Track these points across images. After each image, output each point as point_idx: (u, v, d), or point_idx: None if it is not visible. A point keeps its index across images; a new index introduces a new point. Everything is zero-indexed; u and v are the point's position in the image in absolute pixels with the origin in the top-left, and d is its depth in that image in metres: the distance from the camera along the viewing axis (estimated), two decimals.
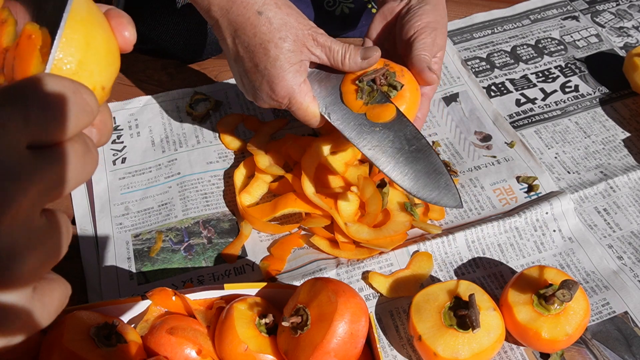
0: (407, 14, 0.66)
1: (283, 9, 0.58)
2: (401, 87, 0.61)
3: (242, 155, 0.76)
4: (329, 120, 0.61)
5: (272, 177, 0.71)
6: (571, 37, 0.91)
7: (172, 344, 0.50)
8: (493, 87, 0.85)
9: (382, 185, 0.67)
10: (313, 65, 0.62)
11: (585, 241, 0.67)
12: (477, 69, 0.87)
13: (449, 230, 0.67)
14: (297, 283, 0.58)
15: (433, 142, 0.77)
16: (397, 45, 0.68)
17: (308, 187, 0.66)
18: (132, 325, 0.52)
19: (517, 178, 0.73)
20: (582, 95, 0.83)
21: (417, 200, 0.69)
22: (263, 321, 0.51)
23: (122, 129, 0.79)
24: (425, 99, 0.66)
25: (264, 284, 0.54)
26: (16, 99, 0.25)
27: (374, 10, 0.96)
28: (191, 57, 0.88)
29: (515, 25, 0.94)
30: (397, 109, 0.59)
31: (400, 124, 0.59)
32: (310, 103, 0.61)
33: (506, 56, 0.89)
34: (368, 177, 0.68)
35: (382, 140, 0.58)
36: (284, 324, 0.49)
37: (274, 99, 0.60)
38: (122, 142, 0.78)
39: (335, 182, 0.69)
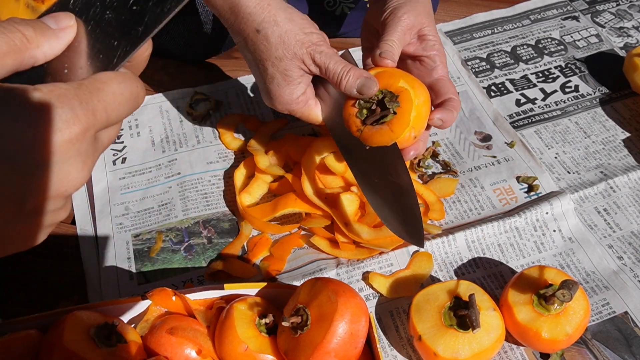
0: (387, 9, 0.63)
1: (282, 26, 0.58)
2: (394, 113, 0.56)
3: (242, 155, 0.76)
4: (328, 129, 0.62)
5: (272, 177, 0.71)
6: (571, 37, 0.91)
7: (172, 344, 0.50)
8: (493, 87, 0.85)
9: None
10: None
11: (585, 241, 0.67)
12: (477, 69, 0.87)
13: (449, 230, 0.67)
14: (297, 283, 0.57)
15: (433, 142, 0.77)
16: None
17: (308, 187, 0.66)
18: (132, 325, 0.52)
19: (517, 178, 0.73)
20: (582, 96, 0.83)
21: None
22: (263, 321, 0.51)
23: (122, 129, 0.79)
24: (445, 79, 0.63)
25: (264, 284, 0.54)
26: (86, 100, 0.30)
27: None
28: (191, 57, 0.88)
29: (515, 26, 0.94)
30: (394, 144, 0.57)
31: (392, 156, 0.57)
32: (312, 110, 0.62)
33: (506, 56, 0.89)
34: None
35: (369, 168, 0.59)
36: (284, 324, 0.48)
37: (277, 109, 0.63)
38: (122, 142, 0.78)
39: (335, 182, 0.69)
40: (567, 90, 0.84)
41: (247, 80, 0.86)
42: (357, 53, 0.69)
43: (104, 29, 0.33)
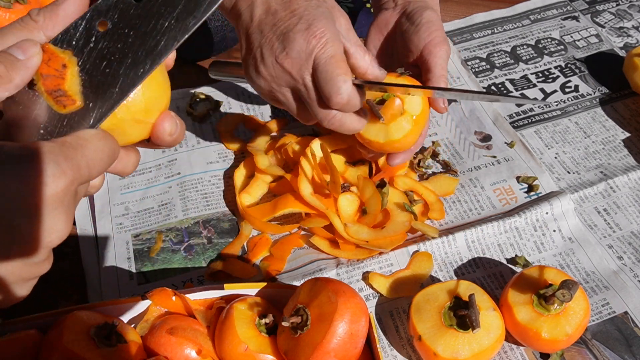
0: (410, 24, 0.63)
1: None
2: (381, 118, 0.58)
3: (242, 155, 0.76)
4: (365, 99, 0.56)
5: (272, 177, 0.71)
6: (571, 37, 0.91)
7: (172, 344, 0.50)
8: (493, 87, 0.85)
9: (381, 185, 0.67)
10: None
11: (585, 241, 0.67)
12: (477, 69, 0.87)
13: (449, 230, 0.67)
14: (297, 283, 0.57)
15: (433, 142, 0.77)
16: (402, 56, 0.65)
17: (305, 188, 0.66)
18: (132, 325, 0.52)
19: (517, 178, 0.73)
20: (582, 96, 0.83)
21: (415, 197, 0.69)
22: (263, 321, 0.51)
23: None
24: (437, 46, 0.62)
25: (264, 284, 0.54)
26: (71, 156, 0.32)
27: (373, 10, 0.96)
28: (191, 57, 0.88)
29: (515, 26, 0.94)
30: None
31: None
32: (344, 60, 0.54)
33: (506, 56, 0.89)
34: (368, 178, 0.68)
35: None
36: (284, 324, 0.49)
37: (310, 36, 0.52)
38: None
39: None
40: (567, 90, 0.84)
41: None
42: None
43: (101, 71, 0.34)
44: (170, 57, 0.39)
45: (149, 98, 0.37)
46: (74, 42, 0.35)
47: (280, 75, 0.54)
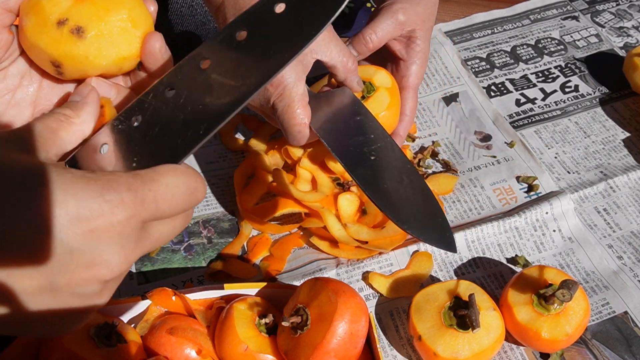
0: (405, 52, 0.65)
1: None
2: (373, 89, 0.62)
3: (242, 155, 0.76)
4: (318, 135, 0.56)
5: (272, 177, 0.71)
6: (571, 37, 0.91)
7: (172, 344, 0.50)
8: (493, 87, 0.85)
9: None
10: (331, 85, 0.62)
11: (585, 241, 0.67)
12: (477, 69, 0.87)
13: None
14: (297, 283, 0.58)
15: (433, 142, 0.77)
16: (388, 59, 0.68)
17: (296, 192, 0.66)
18: (132, 325, 0.52)
19: (517, 178, 0.73)
20: (582, 95, 0.83)
21: None
22: (263, 321, 0.51)
23: None
24: (411, 90, 0.65)
25: (264, 284, 0.54)
26: (136, 187, 0.30)
27: (373, 9, 0.96)
28: None
29: (515, 25, 0.94)
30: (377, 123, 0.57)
31: (392, 151, 0.55)
32: (303, 106, 0.55)
33: (506, 56, 0.89)
34: None
35: (373, 174, 0.54)
36: (284, 324, 0.49)
37: (268, 84, 0.52)
38: None
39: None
40: (567, 90, 0.84)
41: None
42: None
43: (166, 126, 0.34)
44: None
45: (132, 10, 0.39)
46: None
47: (255, 106, 0.58)
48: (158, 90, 0.35)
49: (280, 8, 0.34)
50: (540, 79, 0.86)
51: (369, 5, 0.95)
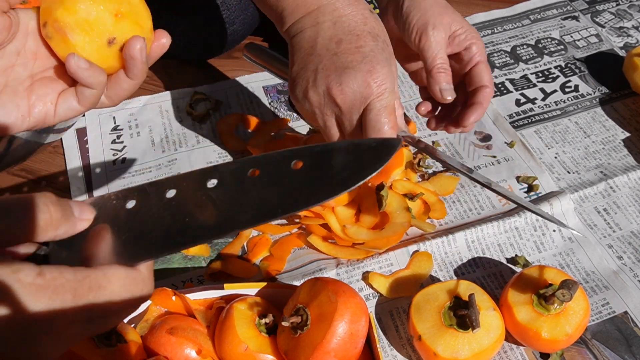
0: (400, 16, 0.62)
1: None
2: None
3: (242, 155, 0.76)
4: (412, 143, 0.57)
5: None
6: (571, 37, 0.91)
7: (172, 344, 0.50)
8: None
9: (380, 188, 0.67)
10: None
11: (585, 241, 0.67)
12: None
13: (449, 230, 0.67)
14: (297, 283, 0.58)
15: (433, 142, 0.77)
16: (411, 57, 0.65)
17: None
18: (132, 325, 0.52)
19: (517, 178, 0.73)
20: (582, 95, 0.83)
21: (414, 193, 0.69)
22: (263, 321, 0.51)
23: (122, 129, 0.79)
24: (482, 64, 0.62)
25: (264, 284, 0.54)
26: (83, 295, 0.31)
27: (376, 12, 0.96)
28: (191, 57, 0.88)
29: (515, 25, 0.94)
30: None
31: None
32: (400, 110, 0.55)
33: (506, 56, 0.89)
34: (367, 186, 0.68)
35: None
36: (284, 324, 0.49)
37: (371, 81, 0.51)
38: (122, 142, 0.78)
39: None
40: (567, 90, 0.84)
41: (247, 80, 0.86)
42: None
43: (152, 223, 0.34)
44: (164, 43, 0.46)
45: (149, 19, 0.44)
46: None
47: (328, 104, 0.52)
48: (161, 186, 0.35)
49: (297, 165, 0.34)
50: (540, 79, 0.86)
51: (372, 6, 0.95)
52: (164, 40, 0.46)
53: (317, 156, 0.33)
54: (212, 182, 0.34)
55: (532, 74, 0.87)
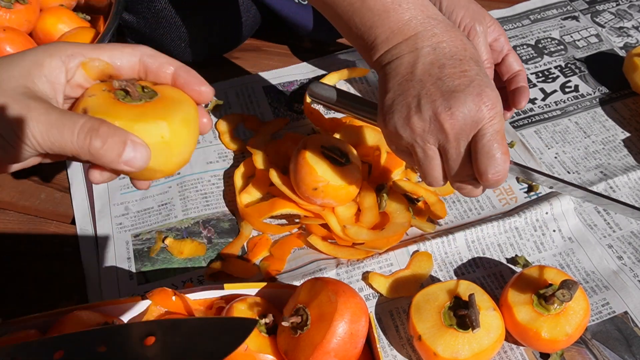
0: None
1: None
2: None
3: (242, 155, 0.76)
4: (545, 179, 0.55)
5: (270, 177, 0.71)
6: (571, 37, 0.91)
7: None
8: None
9: (380, 188, 0.67)
10: None
11: (585, 241, 0.67)
12: None
13: (449, 230, 0.67)
14: (297, 283, 0.58)
15: None
16: None
17: (281, 186, 0.66)
18: None
19: (517, 178, 0.73)
20: (582, 95, 0.83)
21: (415, 196, 0.69)
22: (263, 321, 0.51)
23: None
24: (511, 54, 0.68)
25: (264, 284, 0.54)
26: None
27: None
28: (192, 58, 0.88)
29: (515, 25, 0.94)
30: None
31: None
32: (505, 138, 0.50)
33: None
34: (367, 185, 0.68)
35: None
36: (284, 324, 0.49)
37: (482, 104, 0.48)
38: None
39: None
40: (567, 90, 0.84)
41: (247, 80, 0.86)
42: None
43: None
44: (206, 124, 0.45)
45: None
46: None
47: (434, 131, 0.49)
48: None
49: (149, 340, 0.34)
50: (540, 79, 0.86)
51: None
52: (204, 119, 0.45)
53: (168, 332, 0.34)
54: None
55: (532, 74, 0.87)
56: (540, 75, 0.86)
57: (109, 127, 0.37)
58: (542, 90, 0.84)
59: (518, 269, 0.64)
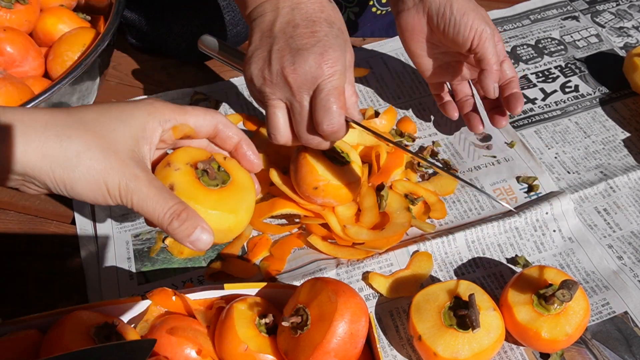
0: (447, 24, 0.66)
1: None
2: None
3: None
4: (357, 126, 0.58)
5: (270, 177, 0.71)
6: (571, 37, 0.91)
7: (172, 344, 0.50)
8: None
9: (380, 188, 0.67)
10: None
11: (585, 241, 0.67)
12: None
13: (449, 230, 0.67)
14: (297, 283, 0.58)
15: (433, 142, 0.77)
16: (456, 55, 0.71)
17: (279, 182, 0.66)
18: (132, 325, 0.52)
19: (517, 178, 0.73)
20: (582, 95, 0.83)
21: (415, 196, 0.69)
22: (263, 321, 0.51)
23: None
24: (507, 59, 0.71)
25: (264, 284, 0.54)
26: None
27: (378, 12, 0.96)
28: (193, 58, 0.88)
29: (515, 25, 0.94)
30: None
31: None
32: (352, 93, 0.57)
33: None
34: (367, 186, 0.68)
35: None
36: (284, 324, 0.49)
37: (323, 62, 0.53)
38: None
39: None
40: (567, 90, 0.84)
41: None
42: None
43: None
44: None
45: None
46: None
47: (280, 85, 0.55)
48: None
49: None
50: (540, 79, 0.86)
51: (374, 9, 0.95)
52: (257, 185, 0.54)
53: None
54: None
55: (532, 74, 0.87)
56: (540, 75, 0.86)
57: (188, 212, 0.45)
58: (542, 90, 0.84)
59: (518, 269, 0.64)
